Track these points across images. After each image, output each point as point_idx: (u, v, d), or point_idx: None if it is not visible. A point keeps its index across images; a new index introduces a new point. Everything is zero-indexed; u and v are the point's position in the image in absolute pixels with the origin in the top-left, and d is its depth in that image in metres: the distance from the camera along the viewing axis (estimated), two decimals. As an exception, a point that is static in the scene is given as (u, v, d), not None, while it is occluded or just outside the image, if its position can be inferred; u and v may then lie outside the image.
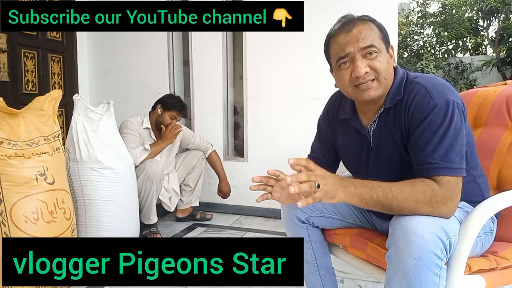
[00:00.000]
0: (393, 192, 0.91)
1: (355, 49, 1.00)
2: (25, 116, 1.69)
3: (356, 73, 1.00)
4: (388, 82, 1.04)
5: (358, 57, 1.00)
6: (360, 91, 1.03)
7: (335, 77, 1.11)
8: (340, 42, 1.03)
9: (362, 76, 1.00)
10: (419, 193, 0.91)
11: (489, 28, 9.22)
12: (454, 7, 9.12)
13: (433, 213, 0.91)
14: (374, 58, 1.01)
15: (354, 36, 1.01)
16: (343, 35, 1.03)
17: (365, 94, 1.03)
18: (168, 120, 2.56)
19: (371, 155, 1.12)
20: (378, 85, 1.02)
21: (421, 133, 0.98)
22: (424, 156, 0.96)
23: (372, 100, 1.05)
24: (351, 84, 1.04)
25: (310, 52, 2.72)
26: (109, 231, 1.98)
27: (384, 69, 1.02)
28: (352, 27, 1.02)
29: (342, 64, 1.04)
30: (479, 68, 8.13)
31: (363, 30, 1.01)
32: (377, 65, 1.00)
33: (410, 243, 0.86)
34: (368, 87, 1.02)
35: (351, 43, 1.01)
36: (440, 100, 0.97)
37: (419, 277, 0.86)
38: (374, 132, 1.11)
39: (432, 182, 0.93)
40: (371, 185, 0.92)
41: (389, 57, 1.05)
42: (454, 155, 0.95)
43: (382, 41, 1.03)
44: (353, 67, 1.01)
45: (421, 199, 0.90)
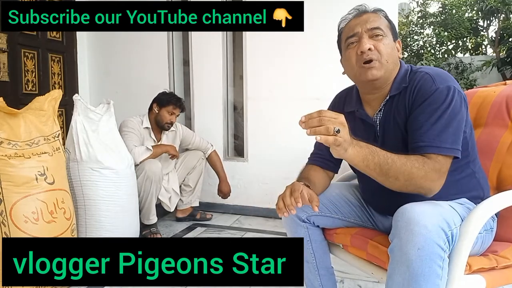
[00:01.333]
0: (392, 158, 0.96)
1: (362, 29, 1.09)
2: (25, 116, 1.69)
3: (361, 48, 1.07)
4: (390, 66, 1.09)
5: (364, 36, 1.08)
6: (364, 70, 1.08)
7: (343, 60, 1.18)
8: (350, 25, 1.13)
9: (366, 52, 1.07)
10: (413, 159, 0.97)
11: (489, 28, 9.22)
12: (454, 7, 9.11)
13: (425, 179, 0.95)
14: (380, 40, 1.08)
15: (363, 19, 1.11)
16: (354, 19, 1.13)
17: (368, 73, 1.08)
18: (167, 116, 2.56)
19: (378, 143, 1.13)
20: (380, 65, 1.08)
21: (419, 114, 1.03)
22: (419, 134, 1.01)
23: (375, 83, 1.10)
24: (357, 63, 1.10)
25: (310, 52, 2.72)
26: (109, 231, 1.98)
27: (387, 52, 1.08)
28: (363, 13, 1.13)
29: (350, 44, 1.12)
30: (479, 68, 8.13)
31: (372, 16, 1.11)
32: (381, 47, 1.07)
33: (413, 233, 0.86)
34: (371, 66, 1.07)
35: (359, 24, 1.10)
36: (441, 85, 1.02)
37: (422, 268, 0.86)
38: (380, 121, 1.15)
39: (425, 158, 0.98)
40: (374, 149, 0.96)
41: (395, 47, 1.12)
42: (447, 136, 0.98)
43: (389, 30, 1.11)
44: (359, 44, 1.09)
45: (415, 164, 0.96)
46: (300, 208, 1.24)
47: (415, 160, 0.97)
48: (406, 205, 0.92)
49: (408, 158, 0.97)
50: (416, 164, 0.96)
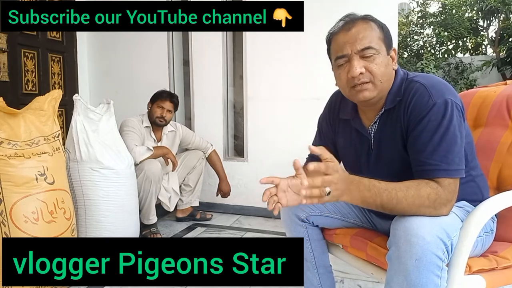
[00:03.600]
0: (398, 197, 0.90)
1: (352, 50, 1.01)
2: (25, 116, 1.69)
3: (351, 73, 1.01)
4: (384, 85, 1.03)
5: (354, 58, 1.01)
6: (356, 92, 1.03)
7: (334, 76, 1.11)
8: (339, 42, 1.04)
9: (357, 76, 1.00)
10: (424, 197, 0.91)
11: (489, 28, 9.23)
12: (454, 7, 9.12)
13: (432, 214, 0.91)
14: (372, 60, 1.00)
15: (352, 36, 1.01)
16: (343, 34, 1.03)
17: (360, 95, 1.03)
18: (158, 111, 2.56)
19: (372, 156, 1.12)
20: (373, 87, 1.02)
21: (420, 132, 0.98)
22: (424, 156, 0.96)
23: (368, 102, 1.06)
24: (348, 84, 1.05)
25: (310, 52, 2.72)
26: (109, 231, 1.98)
27: (381, 72, 1.01)
28: (352, 26, 1.02)
29: (340, 64, 1.05)
30: (479, 68, 8.13)
31: (362, 30, 1.01)
32: (373, 68, 1.00)
33: (411, 244, 0.86)
34: (362, 89, 1.02)
35: (349, 43, 1.01)
36: (439, 99, 0.97)
37: (420, 278, 0.86)
38: (375, 134, 1.11)
39: (436, 184, 0.93)
40: (377, 190, 0.91)
41: (389, 59, 1.05)
42: (453, 156, 0.95)
43: (382, 42, 1.03)
44: (349, 67, 1.02)
45: (425, 203, 0.91)
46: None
47: (427, 198, 0.90)
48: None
49: (418, 196, 0.91)
50: (427, 202, 0.90)
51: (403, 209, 0.91)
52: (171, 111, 2.63)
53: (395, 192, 0.91)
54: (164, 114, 2.57)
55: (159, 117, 2.57)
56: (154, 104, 2.59)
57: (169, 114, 2.60)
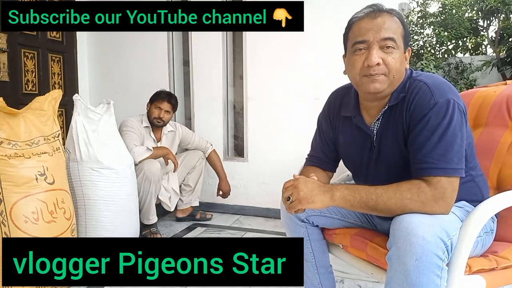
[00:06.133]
0: (377, 193, 0.94)
1: (374, 38, 1.00)
2: (25, 116, 1.69)
3: (369, 61, 1.00)
4: (395, 81, 1.04)
5: (374, 47, 1.00)
6: (368, 80, 1.03)
7: (347, 62, 1.10)
8: (361, 27, 1.03)
9: (373, 66, 1.00)
10: (404, 190, 0.93)
11: (489, 28, 9.20)
12: (454, 7, 9.09)
13: (424, 210, 0.92)
14: (390, 53, 1.00)
15: (377, 24, 1.01)
16: (367, 20, 1.03)
17: (371, 86, 1.03)
18: (155, 111, 2.56)
19: (373, 154, 1.12)
20: (385, 79, 1.02)
21: (420, 131, 0.98)
22: (422, 155, 0.97)
23: (377, 95, 1.05)
24: (361, 72, 1.04)
25: (310, 52, 2.72)
26: (109, 231, 1.98)
27: (396, 67, 1.01)
28: (378, 15, 1.02)
29: (358, 49, 1.03)
30: (479, 68, 8.11)
31: (388, 21, 1.01)
32: (390, 61, 1.00)
33: (411, 244, 0.86)
34: (375, 79, 1.02)
35: (372, 30, 1.00)
36: (441, 99, 0.97)
37: (420, 278, 0.86)
38: (377, 131, 1.11)
39: (419, 181, 0.95)
40: (354, 188, 0.95)
41: (404, 58, 1.05)
42: (452, 155, 0.95)
43: (402, 39, 1.03)
44: (368, 54, 1.01)
45: (407, 195, 0.93)
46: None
47: (407, 191, 0.92)
48: (405, 215, 0.92)
49: (398, 190, 0.93)
50: (409, 195, 0.92)
51: (386, 204, 0.94)
52: (169, 112, 2.61)
53: (373, 189, 0.95)
54: (162, 115, 2.56)
55: (156, 118, 2.56)
56: (152, 104, 2.59)
57: (167, 115, 2.59)
